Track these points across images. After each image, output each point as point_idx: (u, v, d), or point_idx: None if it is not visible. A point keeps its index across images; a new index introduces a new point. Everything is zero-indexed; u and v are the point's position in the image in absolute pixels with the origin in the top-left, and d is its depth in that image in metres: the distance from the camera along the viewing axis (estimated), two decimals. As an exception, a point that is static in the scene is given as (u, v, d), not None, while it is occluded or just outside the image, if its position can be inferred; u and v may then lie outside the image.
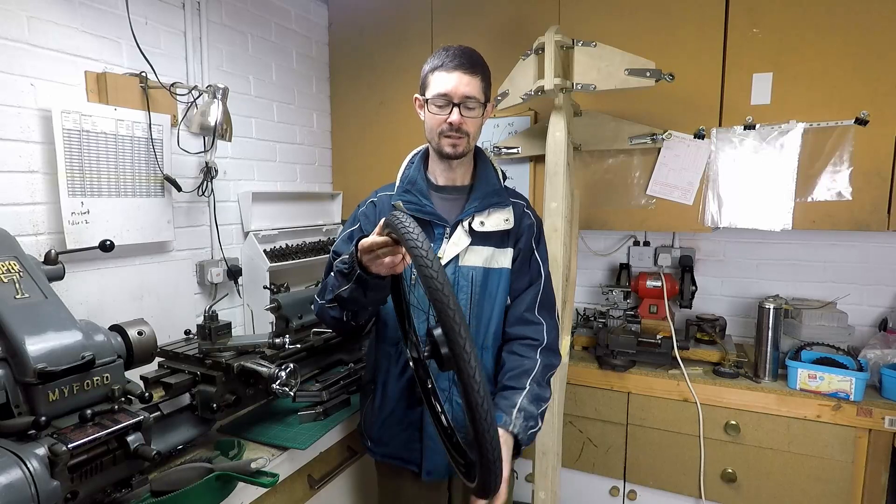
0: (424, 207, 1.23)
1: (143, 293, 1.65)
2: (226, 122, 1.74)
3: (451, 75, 1.15)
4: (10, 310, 0.95)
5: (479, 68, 1.18)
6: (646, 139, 1.82)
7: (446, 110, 1.16)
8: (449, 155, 1.20)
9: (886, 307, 1.96)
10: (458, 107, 1.15)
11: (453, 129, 1.17)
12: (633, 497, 1.93)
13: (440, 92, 1.16)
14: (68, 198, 1.43)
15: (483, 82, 1.18)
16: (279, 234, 2.14)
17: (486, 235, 1.23)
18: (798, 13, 1.65)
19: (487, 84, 1.21)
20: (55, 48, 1.43)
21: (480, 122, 1.22)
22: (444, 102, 1.16)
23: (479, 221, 1.22)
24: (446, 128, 1.17)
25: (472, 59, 1.18)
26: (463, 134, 1.18)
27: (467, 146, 1.20)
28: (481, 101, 1.18)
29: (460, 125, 1.16)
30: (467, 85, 1.15)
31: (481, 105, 1.18)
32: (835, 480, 1.63)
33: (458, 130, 1.17)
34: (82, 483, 0.92)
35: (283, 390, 1.26)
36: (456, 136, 1.18)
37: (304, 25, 2.33)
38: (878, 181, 1.61)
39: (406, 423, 1.28)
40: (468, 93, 1.15)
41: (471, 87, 1.15)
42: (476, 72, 1.17)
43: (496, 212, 1.24)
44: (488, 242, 1.23)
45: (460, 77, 1.15)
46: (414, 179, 1.27)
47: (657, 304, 2.09)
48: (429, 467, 1.27)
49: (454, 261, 1.23)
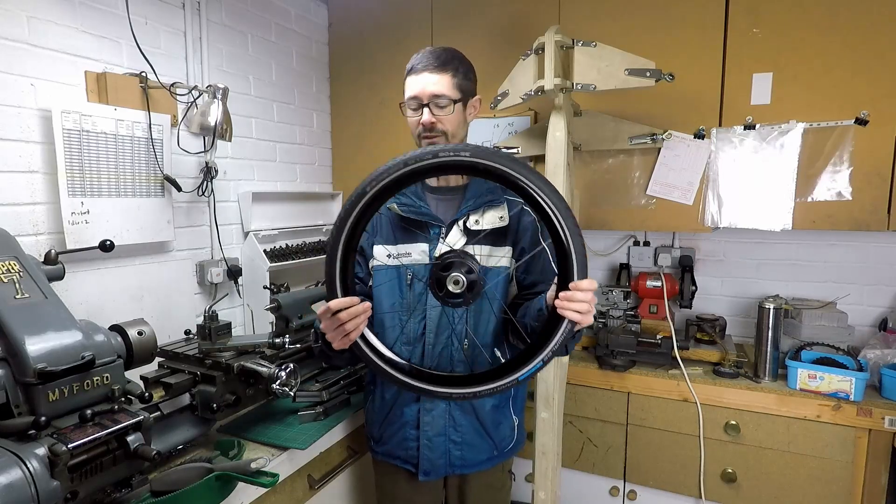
0: (420, 209, 1.24)
1: (143, 293, 1.65)
2: (226, 122, 1.74)
3: (420, 77, 1.19)
4: (10, 310, 0.95)
5: (451, 65, 1.19)
6: (646, 139, 1.82)
7: (419, 112, 1.20)
8: None
9: (886, 307, 1.96)
10: (427, 106, 1.18)
11: (427, 129, 1.20)
12: (633, 497, 1.93)
13: (410, 95, 1.20)
14: (68, 198, 1.43)
15: (455, 78, 1.19)
16: (279, 234, 2.14)
17: (482, 234, 1.23)
18: (798, 13, 1.65)
19: (465, 79, 1.21)
20: (55, 48, 1.43)
21: (460, 118, 1.23)
22: (416, 104, 1.20)
23: (473, 220, 1.22)
24: (421, 129, 1.21)
25: (442, 57, 1.19)
26: (438, 133, 1.20)
27: (446, 144, 1.20)
28: (453, 98, 1.19)
29: (433, 124, 1.19)
30: (435, 84, 1.17)
31: (453, 102, 1.19)
32: (835, 480, 1.63)
33: (433, 130, 1.20)
34: (82, 483, 0.92)
35: (283, 390, 1.26)
36: (432, 136, 1.21)
37: (304, 25, 2.33)
38: (878, 181, 1.61)
39: (402, 423, 1.29)
40: (436, 91, 1.17)
41: (439, 86, 1.17)
42: (445, 69, 1.18)
43: (491, 210, 1.24)
44: (484, 241, 1.23)
45: (428, 77, 1.18)
46: None
47: (657, 304, 2.09)
48: (426, 468, 1.27)
49: None
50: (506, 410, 1.32)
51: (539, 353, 1.00)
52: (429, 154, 0.93)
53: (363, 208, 0.97)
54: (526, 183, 0.93)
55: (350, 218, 0.97)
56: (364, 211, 0.98)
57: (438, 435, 1.27)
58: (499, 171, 0.93)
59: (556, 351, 0.99)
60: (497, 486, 1.39)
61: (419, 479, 1.29)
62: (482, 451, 1.30)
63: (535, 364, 1.00)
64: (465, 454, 1.28)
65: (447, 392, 1.04)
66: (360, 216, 0.98)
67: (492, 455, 1.32)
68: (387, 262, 1.26)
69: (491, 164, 0.93)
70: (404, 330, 1.24)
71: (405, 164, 0.94)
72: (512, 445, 1.36)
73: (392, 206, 1.25)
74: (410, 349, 1.24)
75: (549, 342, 0.99)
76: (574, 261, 0.95)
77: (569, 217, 0.94)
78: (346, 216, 0.98)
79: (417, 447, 1.28)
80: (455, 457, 1.28)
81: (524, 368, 1.01)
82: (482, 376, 1.04)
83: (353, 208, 0.97)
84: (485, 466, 1.32)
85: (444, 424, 1.27)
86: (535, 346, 1.01)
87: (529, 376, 1.02)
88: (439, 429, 1.27)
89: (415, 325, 1.24)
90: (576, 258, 0.95)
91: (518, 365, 1.02)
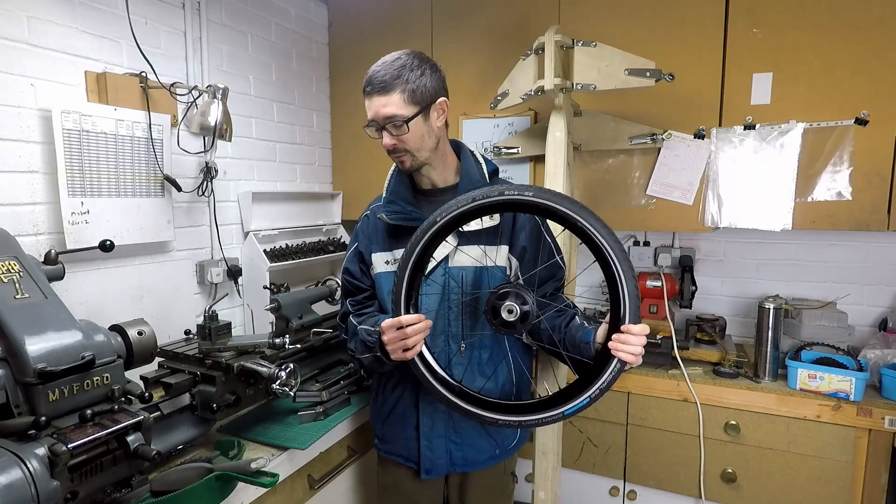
0: (410, 214, 1.24)
1: (143, 293, 1.65)
2: (226, 122, 1.74)
3: (371, 101, 1.17)
4: (10, 310, 0.95)
5: (397, 81, 1.14)
6: (646, 139, 1.82)
7: (380, 134, 1.19)
8: (407, 171, 1.24)
9: (886, 307, 1.96)
10: (384, 129, 1.17)
11: (389, 151, 1.20)
12: (633, 497, 1.93)
13: (369, 117, 1.19)
14: (68, 198, 1.43)
15: (405, 93, 1.14)
16: (279, 234, 2.14)
17: (474, 234, 1.22)
18: (798, 13, 1.65)
19: (419, 87, 1.15)
20: (55, 48, 1.43)
21: (421, 130, 1.18)
22: (376, 126, 1.19)
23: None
24: (387, 151, 1.21)
25: (385, 77, 1.14)
26: (401, 151, 1.20)
27: (414, 160, 1.21)
28: (406, 116, 1.15)
29: (394, 145, 1.18)
30: (384, 107, 1.15)
31: (406, 121, 1.15)
32: (835, 480, 1.63)
33: (395, 151, 1.20)
34: (82, 483, 0.92)
35: (283, 390, 1.26)
36: (397, 156, 1.21)
37: (304, 25, 2.33)
38: (878, 181, 1.61)
39: (404, 423, 1.30)
40: (387, 114, 1.15)
41: (389, 108, 1.14)
42: (391, 89, 1.14)
43: None
44: (478, 241, 1.23)
45: (377, 100, 1.15)
46: (396, 189, 1.28)
47: (657, 304, 2.09)
48: (427, 466, 1.28)
49: (443, 262, 1.23)
50: None
51: (588, 389, 1.03)
52: (495, 192, 1.03)
53: (432, 236, 1.09)
54: (585, 224, 1.02)
55: (420, 243, 1.09)
56: (434, 238, 1.09)
57: (438, 436, 1.27)
58: (560, 212, 1.02)
59: (604, 389, 1.02)
60: (498, 489, 1.39)
61: (422, 478, 1.29)
62: (484, 450, 1.30)
63: (583, 400, 1.04)
64: (466, 454, 1.29)
65: (494, 418, 1.09)
66: (429, 242, 1.09)
67: (494, 454, 1.32)
68: (386, 269, 1.28)
69: (552, 204, 1.02)
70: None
71: (473, 199, 1.05)
72: (515, 443, 1.36)
73: (381, 215, 1.26)
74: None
75: (598, 379, 1.02)
76: (628, 303, 1.01)
77: (624, 261, 1.01)
78: (417, 241, 1.09)
79: (418, 447, 1.28)
80: (456, 456, 1.29)
81: (571, 403, 1.05)
82: (529, 406, 1.08)
83: (423, 235, 1.09)
84: (487, 465, 1.32)
85: (444, 426, 1.27)
86: (583, 382, 1.05)
87: (575, 412, 1.05)
88: (439, 430, 1.27)
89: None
90: (629, 301, 1.01)
91: (566, 398, 1.05)
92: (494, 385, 1.26)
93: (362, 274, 1.35)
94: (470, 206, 1.05)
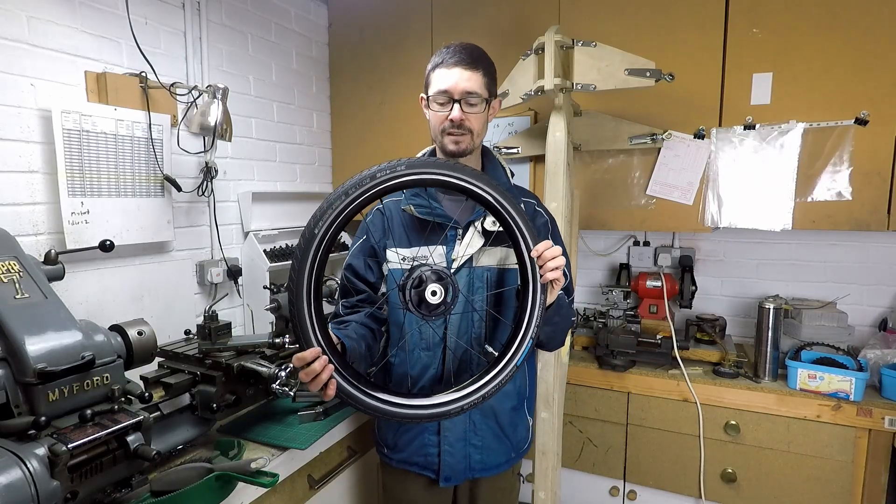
0: (435, 210, 1.21)
1: (143, 293, 1.65)
2: (226, 122, 1.74)
3: (452, 71, 1.14)
4: (10, 310, 0.95)
5: (482, 63, 1.16)
6: (646, 139, 1.82)
7: (448, 107, 1.15)
8: (453, 152, 1.18)
9: (886, 307, 1.96)
10: (458, 103, 1.14)
11: (455, 125, 1.15)
12: (633, 497, 1.93)
13: (441, 89, 1.14)
14: (68, 198, 1.43)
15: (486, 77, 1.16)
16: (279, 234, 2.14)
17: (500, 235, 1.19)
18: (798, 13, 1.65)
19: (492, 80, 1.18)
20: (55, 48, 1.43)
21: (484, 118, 1.19)
22: (446, 99, 1.15)
23: (491, 221, 1.19)
24: (448, 125, 1.15)
25: (474, 54, 1.15)
26: (465, 130, 1.16)
27: (471, 143, 1.18)
28: (484, 96, 1.15)
29: (462, 121, 1.15)
30: (468, 80, 1.13)
31: (484, 101, 1.16)
32: (835, 480, 1.63)
33: (460, 127, 1.15)
34: (82, 483, 0.92)
35: (283, 390, 1.26)
36: (458, 133, 1.16)
37: (304, 25, 2.33)
38: (878, 181, 1.61)
39: (420, 429, 1.25)
40: (469, 88, 1.13)
41: (471, 83, 1.13)
42: (477, 67, 1.14)
43: None
44: (502, 242, 1.19)
45: (461, 73, 1.13)
46: None
47: (657, 304, 2.09)
48: (447, 473, 1.24)
49: (468, 262, 1.20)
50: (522, 412, 1.31)
51: (528, 331, 1.06)
52: (367, 178, 0.95)
53: (315, 251, 0.94)
54: (452, 178, 1.00)
55: (306, 264, 0.93)
56: (317, 252, 0.94)
57: (459, 440, 1.24)
58: (428, 180, 0.99)
59: (538, 325, 1.06)
60: (507, 489, 1.37)
61: (440, 486, 1.25)
62: (501, 454, 1.28)
63: (528, 344, 1.07)
64: (484, 458, 1.26)
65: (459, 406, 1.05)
66: (315, 258, 0.94)
67: (509, 457, 1.30)
68: (402, 266, 1.21)
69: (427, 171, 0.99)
70: (423, 335, 1.21)
71: (346, 194, 0.94)
72: (527, 446, 1.36)
73: (408, 207, 1.22)
74: (430, 354, 1.21)
75: (529, 319, 1.06)
76: (524, 229, 1.05)
77: (502, 193, 1.03)
78: (302, 264, 0.93)
79: (438, 453, 1.24)
80: (475, 461, 1.25)
81: (519, 353, 1.07)
82: (478, 378, 1.07)
83: (306, 254, 0.93)
84: (502, 469, 1.30)
85: (464, 429, 1.24)
86: (516, 331, 1.08)
87: (525, 357, 1.07)
88: (460, 433, 1.24)
89: (435, 329, 1.20)
90: (525, 226, 1.05)
91: (511, 353, 1.07)
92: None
93: (367, 269, 1.29)
94: (345, 202, 0.94)
